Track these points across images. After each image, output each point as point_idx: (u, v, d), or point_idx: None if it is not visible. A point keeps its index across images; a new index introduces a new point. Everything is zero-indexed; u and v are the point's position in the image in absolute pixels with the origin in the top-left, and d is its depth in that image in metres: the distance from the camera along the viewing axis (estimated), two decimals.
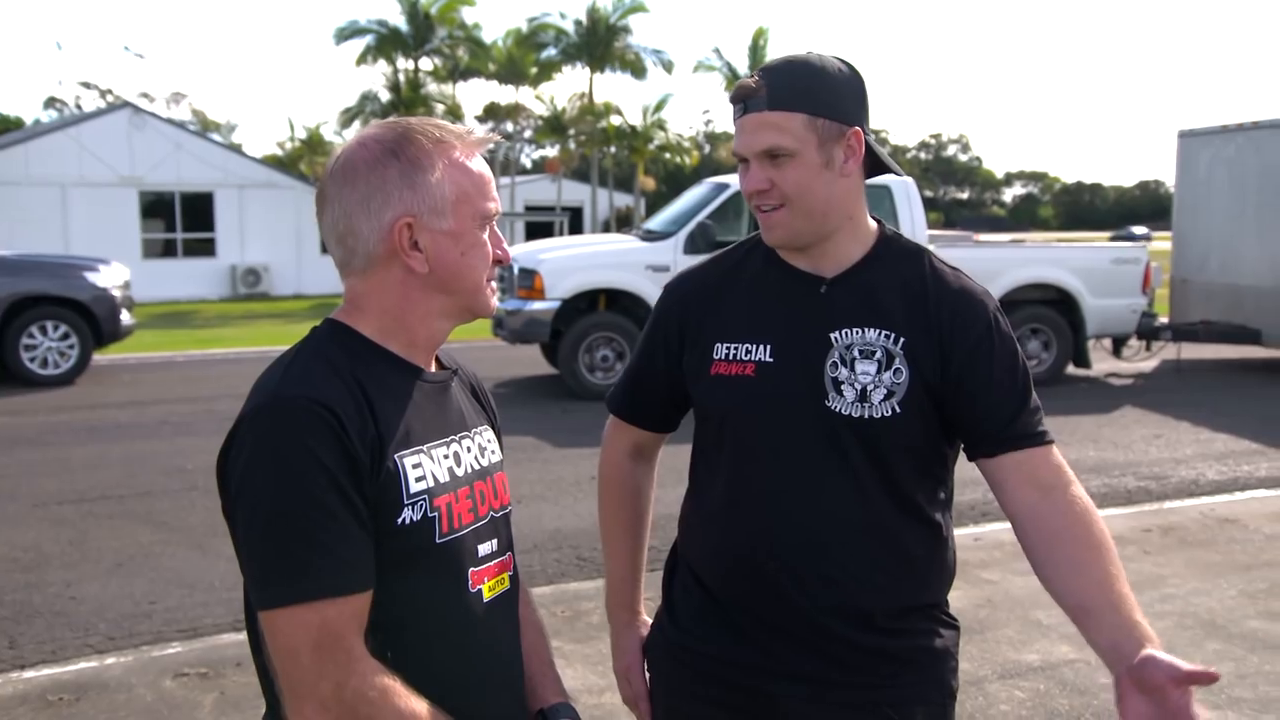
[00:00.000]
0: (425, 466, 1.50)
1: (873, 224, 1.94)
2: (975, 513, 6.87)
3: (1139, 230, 35.86)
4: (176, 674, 4.57)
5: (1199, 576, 5.76)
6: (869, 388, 1.81)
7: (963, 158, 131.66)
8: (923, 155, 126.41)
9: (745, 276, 1.95)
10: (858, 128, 1.83)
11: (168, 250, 29.27)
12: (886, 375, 1.82)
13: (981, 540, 6.30)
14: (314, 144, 47.74)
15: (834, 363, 1.83)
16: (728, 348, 1.89)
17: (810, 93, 1.79)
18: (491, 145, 1.61)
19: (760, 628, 1.88)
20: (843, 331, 1.84)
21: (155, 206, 28.99)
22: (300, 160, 47.32)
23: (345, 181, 1.51)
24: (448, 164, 1.51)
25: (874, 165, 1.91)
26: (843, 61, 1.85)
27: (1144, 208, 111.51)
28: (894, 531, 1.86)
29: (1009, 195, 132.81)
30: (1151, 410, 10.74)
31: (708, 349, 1.91)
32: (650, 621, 2.12)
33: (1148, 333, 12.99)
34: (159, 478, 8.07)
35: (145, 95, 69.25)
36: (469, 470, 1.58)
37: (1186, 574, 5.79)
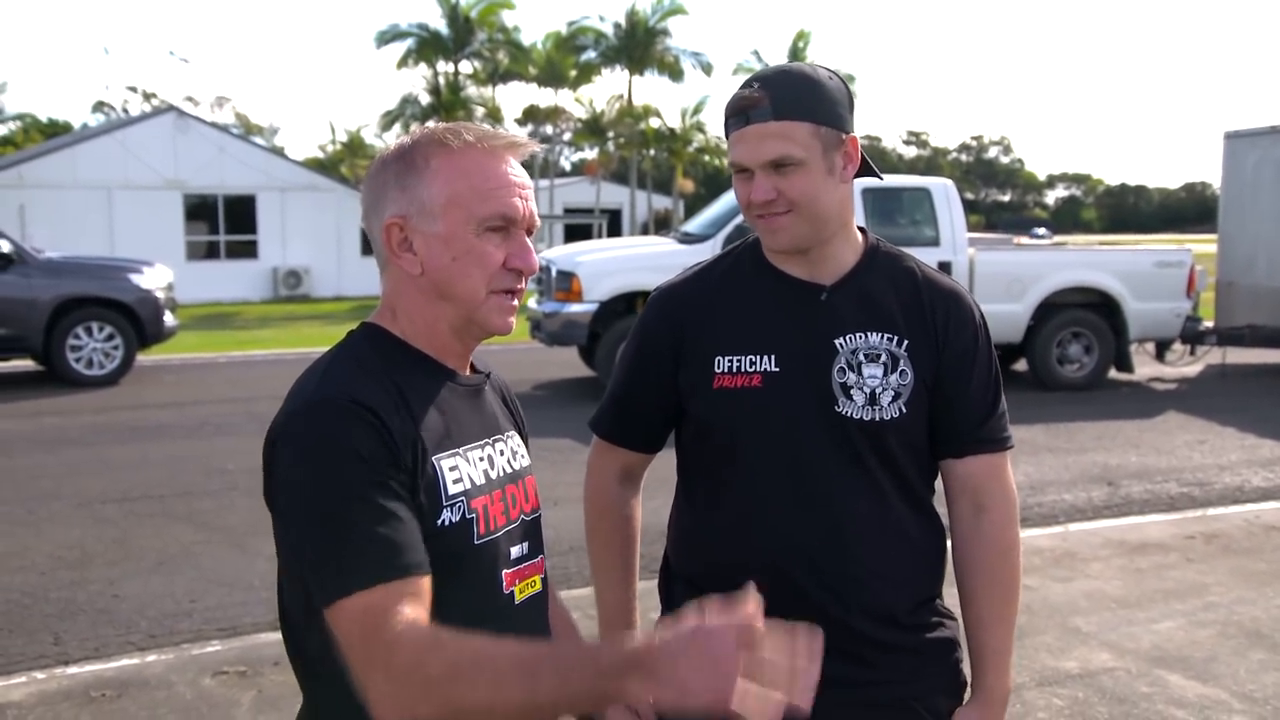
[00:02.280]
0: (462, 469, 1.50)
1: (858, 230, 1.97)
2: None
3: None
4: (216, 672, 4.62)
5: (1244, 585, 5.68)
6: (877, 391, 1.85)
7: (1004, 160, 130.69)
8: (964, 157, 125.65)
9: (738, 287, 1.94)
10: (854, 135, 1.86)
11: (211, 252, 29.55)
12: (893, 378, 1.86)
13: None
14: (354, 147, 48.12)
15: (841, 368, 1.86)
16: (730, 360, 1.88)
17: (812, 102, 1.80)
18: (524, 150, 1.55)
19: None
20: (847, 337, 1.87)
21: (199, 209, 29.30)
22: (341, 163, 47.72)
23: (366, 184, 1.56)
24: (443, 166, 1.48)
25: (859, 170, 1.93)
26: (829, 70, 1.88)
27: (1190, 210, 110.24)
28: (907, 528, 1.91)
29: (1051, 197, 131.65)
30: (1195, 415, 10.61)
31: (707, 363, 1.90)
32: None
33: (1192, 337, 12.84)
34: (200, 478, 8.16)
35: (190, 99, 70.02)
36: (501, 473, 1.58)
37: (1231, 582, 5.72)
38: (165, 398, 11.98)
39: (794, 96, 1.79)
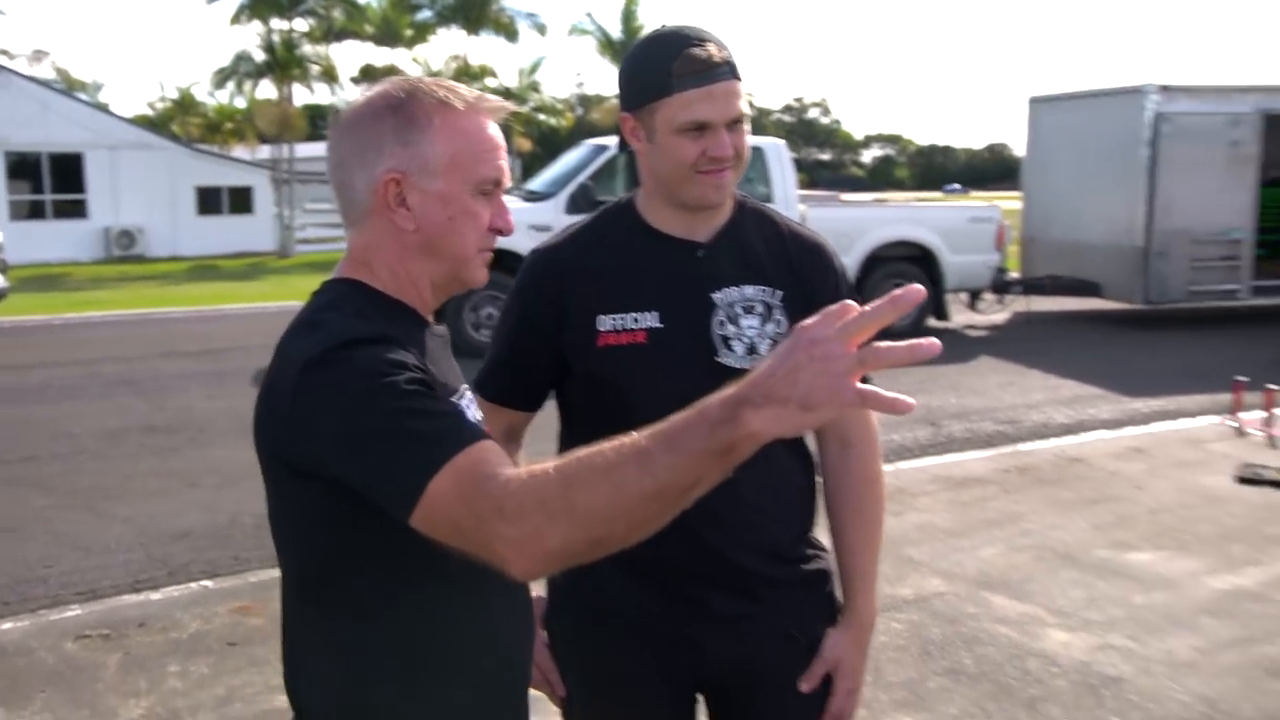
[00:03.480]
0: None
1: None
2: None
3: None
4: (78, 636, 4.46)
5: (1053, 512, 6.03)
6: (755, 340, 1.89)
7: (824, 120, 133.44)
8: (786, 118, 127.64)
9: (617, 247, 1.96)
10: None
11: (35, 212, 28.01)
12: (769, 327, 1.91)
13: None
14: (186, 104, 46.10)
15: (720, 321, 1.90)
16: (614, 319, 1.90)
17: (737, 62, 1.86)
18: (505, 113, 1.51)
19: (680, 578, 1.92)
20: (724, 291, 1.92)
21: (21, 167, 27.72)
22: (172, 121, 45.66)
23: (346, 133, 1.47)
24: (446, 125, 1.44)
25: None
26: None
27: (992, 169, 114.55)
28: (788, 468, 1.97)
29: (867, 157, 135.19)
30: (1005, 359, 11.14)
31: (590, 323, 1.91)
32: (543, 597, 2.07)
33: (1000, 287, 13.44)
34: (46, 442, 7.80)
35: (4, 53, 65.79)
36: (478, 422, 1.55)
37: (1042, 510, 6.06)
38: (2, 360, 11.38)
39: (734, 58, 1.85)
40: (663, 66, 1.83)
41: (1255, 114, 13.27)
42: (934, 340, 1.10)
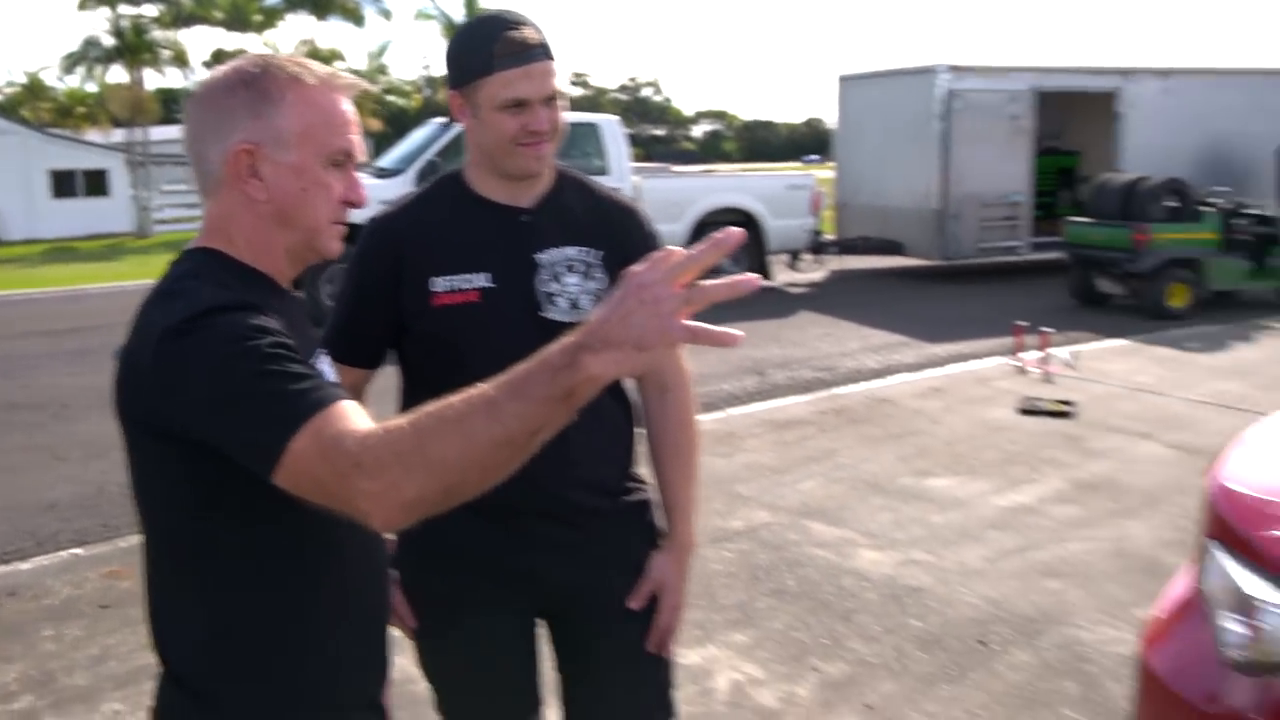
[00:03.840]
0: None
1: None
2: None
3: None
4: None
5: (864, 447, 6.28)
6: (578, 296, 1.95)
7: (656, 98, 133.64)
8: (622, 96, 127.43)
9: (448, 214, 1.99)
10: None
11: None
12: (590, 284, 1.97)
13: None
14: (35, 89, 43.38)
15: (545, 279, 1.95)
16: (447, 280, 1.93)
17: (550, 44, 1.91)
18: (358, 91, 1.49)
19: (517, 515, 1.96)
20: (548, 252, 1.97)
21: None
22: (22, 106, 42.94)
23: (200, 106, 1.43)
24: (299, 99, 1.41)
25: None
26: None
27: (810, 142, 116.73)
28: (612, 411, 2.03)
29: (698, 131, 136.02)
30: (823, 313, 11.47)
31: (424, 284, 1.94)
32: (393, 539, 2.06)
33: (817, 248, 13.79)
34: None
35: None
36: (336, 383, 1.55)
37: (855, 446, 6.31)
38: None
39: (548, 41, 1.90)
40: (484, 48, 1.87)
41: (1029, 91, 13.90)
42: (752, 276, 1.14)
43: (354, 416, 1.23)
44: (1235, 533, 2.26)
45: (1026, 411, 6.93)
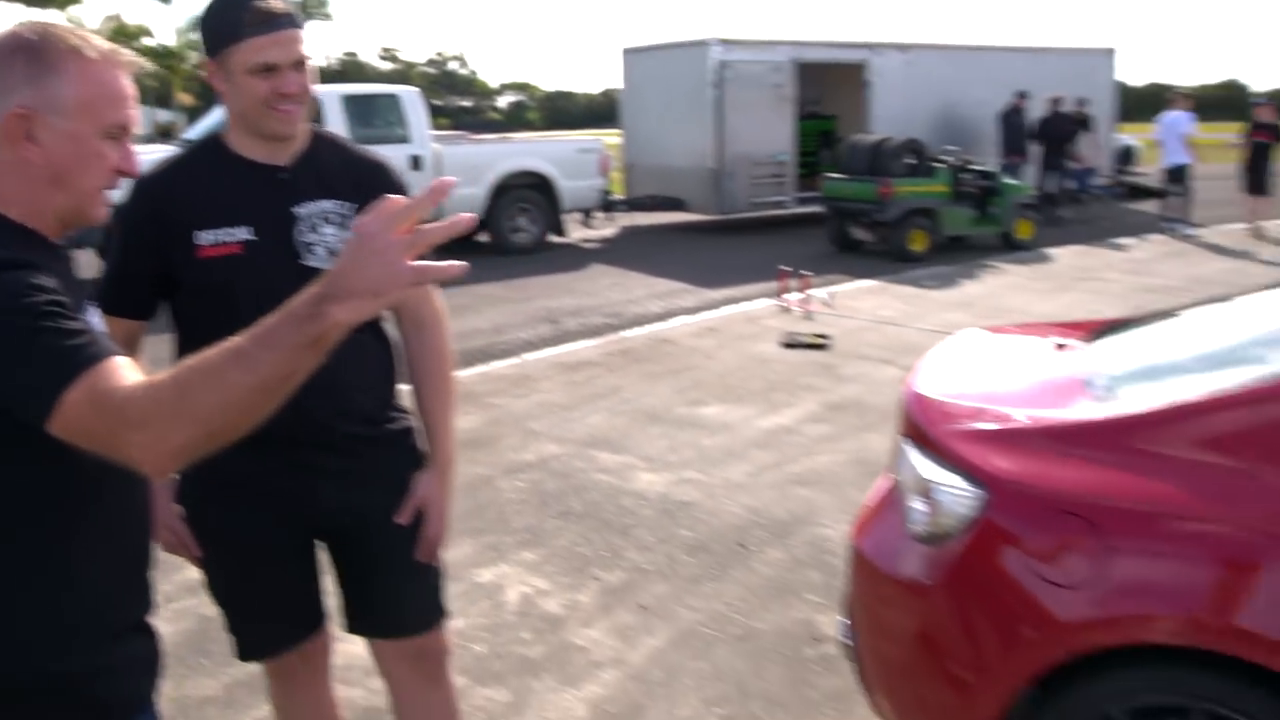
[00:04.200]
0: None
1: None
2: (484, 354, 7.23)
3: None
4: None
5: (646, 383, 6.45)
6: (334, 246, 1.97)
7: (463, 71, 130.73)
8: (430, 70, 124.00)
9: (210, 173, 1.99)
10: None
11: None
12: (346, 234, 1.98)
13: (488, 375, 6.66)
14: None
15: (302, 230, 1.97)
16: (211, 233, 1.94)
17: (297, 14, 1.92)
18: (136, 67, 1.45)
19: (290, 446, 1.96)
20: (305, 205, 1.98)
21: None
22: None
23: None
24: (80, 71, 1.38)
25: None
26: None
27: (607, 110, 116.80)
28: (374, 349, 2.07)
29: (503, 102, 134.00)
30: (613, 265, 11.61)
31: (189, 238, 1.94)
32: (176, 476, 2.06)
33: (608, 206, 13.90)
34: None
35: None
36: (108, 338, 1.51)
37: (637, 383, 6.47)
38: None
39: (295, 10, 1.91)
40: (234, 18, 1.87)
41: (790, 62, 14.37)
42: (466, 215, 1.18)
43: (125, 371, 1.24)
44: (919, 429, 2.49)
45: (789, 345, 7.26)
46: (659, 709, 3.04)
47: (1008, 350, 2.96)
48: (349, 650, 2.91)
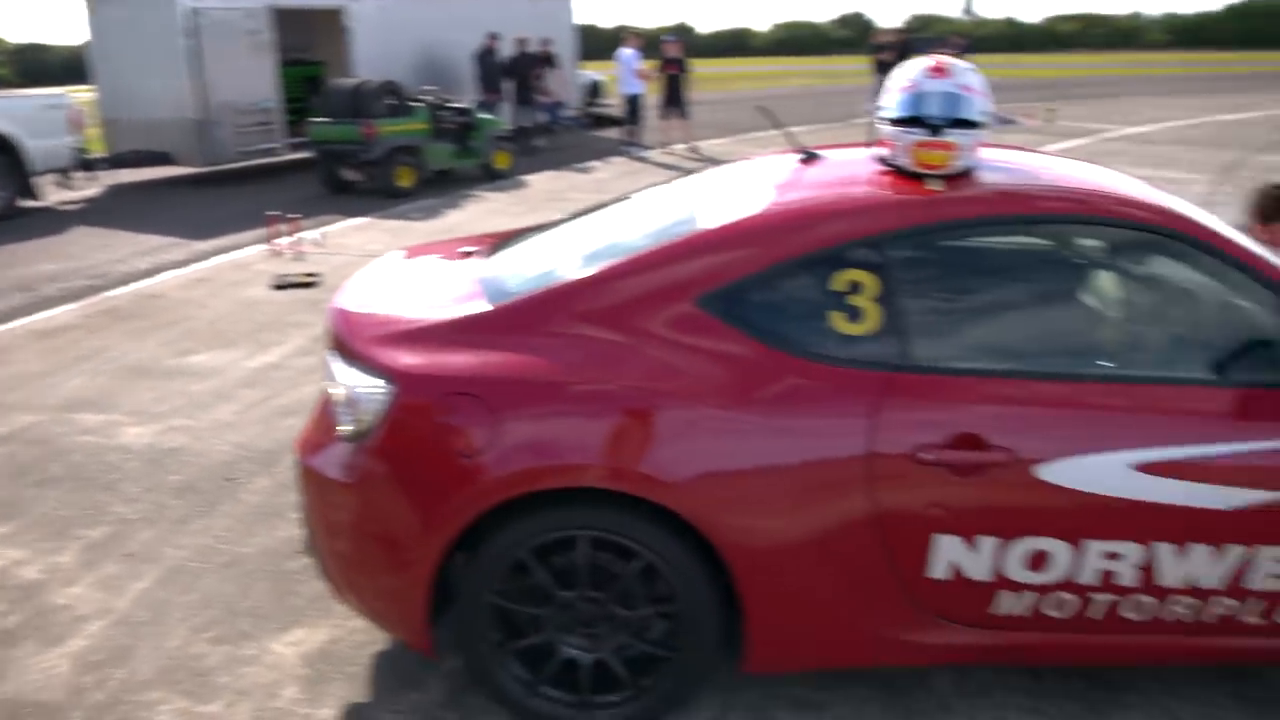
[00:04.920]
0: None
1: None
2: None
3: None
4: None
5: (132, 341, 5.98)
6: None
7: None
8: None
9: None
10: None
11: None
12: None
13: None
14: None
15: None
16: None
17: None
18: None
19: None
20: None
21: None
22: None
23: None
24: None
25: None
26: None
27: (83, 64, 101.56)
28: None
29: None
30: (98, 226, 10.40)
31: None
32: None
33: (87, 165, 12.33)
34: None
35: None
36: None
37: (124, 341, 5.97)
38: None
39: None
40: None
41: (265, 9, 13.55)
42: None
43: None
44: (340, 341, 2.63)
45: (279, 287, 7.08)
46: (146, 646, 2.97)
47: (421, 267, 3.18)
48: None
